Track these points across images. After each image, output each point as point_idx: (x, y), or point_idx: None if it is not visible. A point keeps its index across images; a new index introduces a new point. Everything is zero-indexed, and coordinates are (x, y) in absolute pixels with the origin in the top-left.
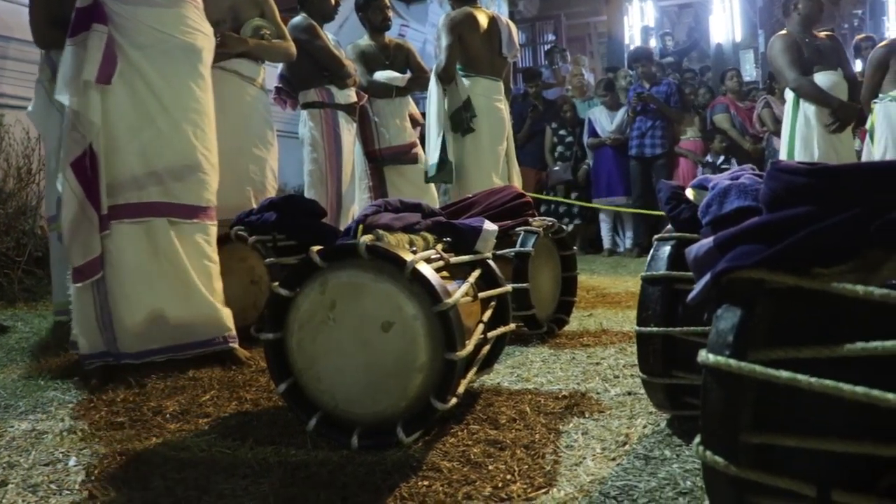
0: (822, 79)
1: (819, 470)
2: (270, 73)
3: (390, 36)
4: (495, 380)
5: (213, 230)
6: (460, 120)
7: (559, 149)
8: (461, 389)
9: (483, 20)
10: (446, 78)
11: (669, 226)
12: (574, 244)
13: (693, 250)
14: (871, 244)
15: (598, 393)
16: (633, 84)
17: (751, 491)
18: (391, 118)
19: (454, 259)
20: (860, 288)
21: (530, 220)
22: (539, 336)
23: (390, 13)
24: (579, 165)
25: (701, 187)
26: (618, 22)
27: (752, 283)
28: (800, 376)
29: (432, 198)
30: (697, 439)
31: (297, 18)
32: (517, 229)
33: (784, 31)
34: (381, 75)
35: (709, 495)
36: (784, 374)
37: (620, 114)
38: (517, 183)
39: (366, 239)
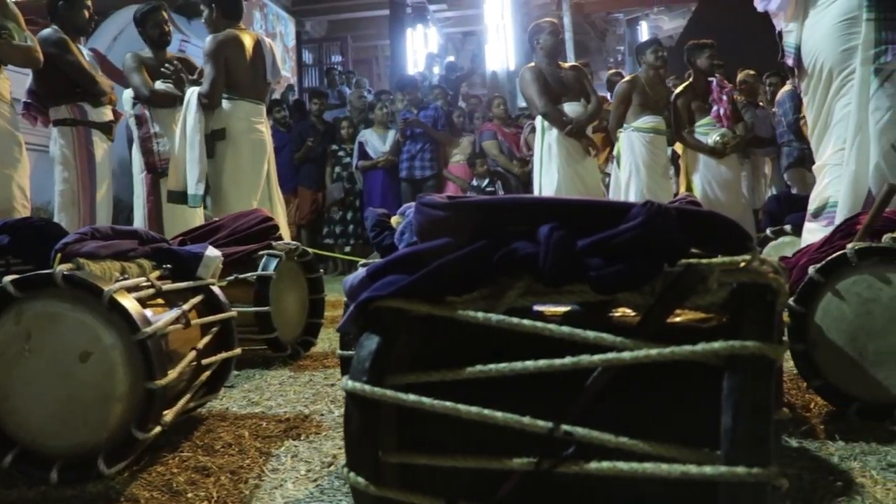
0: (568, 108)
1: (451, 485)
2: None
3: (171, 51)
4: (225, 404)
5: None
6: (212, 146)
7: (337, 169)
8: (169, 418)
9: (248, 42)
10: (211, 104)
11: (375, 252)
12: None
13: (349, 280)
14: (499, 273)
15: (321, 415)
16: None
17: None
18: (171, 128)
19: (168, 286)
20: (481, 314)
21: (274, 243)
22: (283, 359)
23: (169, 28)
24: (355, 186)
25: (403, 214)
26: (401, 46)
27: (392, 311)
28: (424, 399)
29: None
30: (343, 461)
31: (47, 31)
32: (260, 253)
33: (532, 64)
34: (161, 85)
35: None
36: (411, 397)
37: (392, 134)
38: (279, 206)
39: (63, 268)
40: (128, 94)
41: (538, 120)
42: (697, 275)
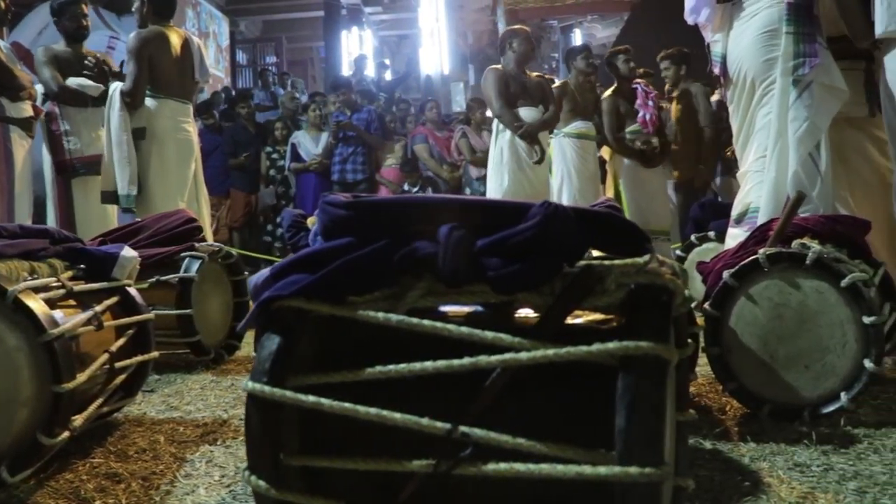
0: (524, 113)
1: (354, 487)
2: None
3: (98, 48)
4: (143, 409)
5: None
6: (135, 145)
7: (271, 172)
8: (78, 423)
9: (175, 41)
10: (134, 103)
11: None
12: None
13: (254, 279)
14: (402, 273)
15: (241, 419)
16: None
17: None
18: (83, 127)
19: (80, 287)
20: (381, 315)
21: (197, 244)
22: (206, 363)
23: (87, 22)
24: (289, 189)
25: None
26: (336, 48)
27: (294, 311)
28: (323, 400)
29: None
30: (245, 465)
31: None
32: (183, 254)
33: (498, 66)
34: (74, 81)
35: None
36: (310, 398)
37: (325, 137)
38: (204, 206)
39: None
40: (39, 89)
41: (494, 123)
42: (595, 275)
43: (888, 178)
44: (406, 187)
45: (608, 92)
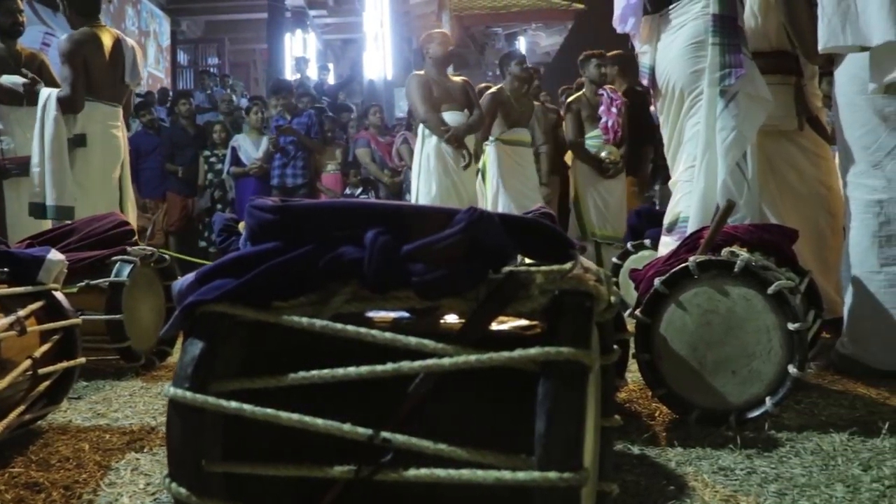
0: (448, 117)
1: (278, 495)
2: None
3: (32, 44)
4: (68, 416)
5: None
6: (72, 153)
7: (209, 176)
8: None
9: (107, 42)
10: (74, 109)
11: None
12: None
13: (178, 284)
14: (328, 278)
15: None
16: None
17: None
18: (17, 126)
19: (2, 291)
20: (305, 320)
21: (129, 248)
22: (136, 369)
23: (23, 17)
24: (226, 194)
25: None
26: (279, 51)
27: (218, 316)
28: (246, 406)
29: None
30: (166, 472)
31: None
32: (113, 258)
33: (421, 72)
34: (7, 79)
35: None
36: (232, 404)
37: (265, 140)
38: (131, 211)
39: None
40: None
41: (420, 128)
42: (519, 282)
43: (817, 189)
44: (348, 191)
45: (571, 98)
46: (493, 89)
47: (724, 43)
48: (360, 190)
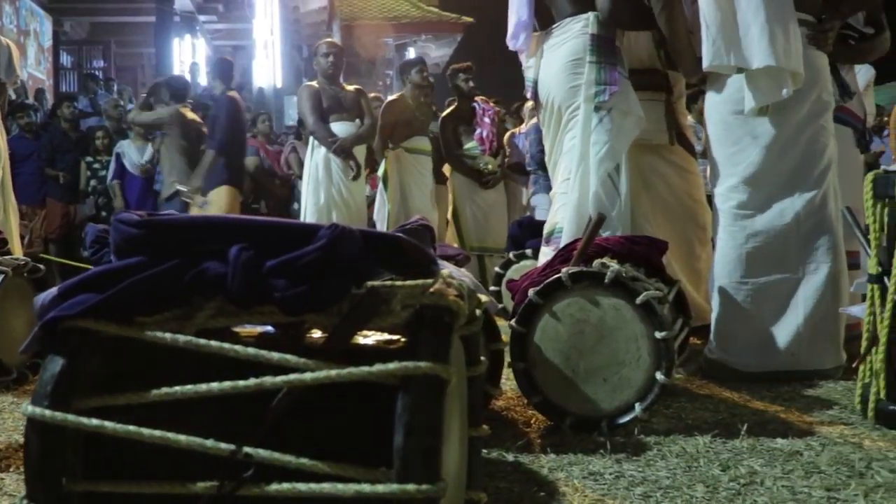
0: (337, 128)
1: None
2: None
3: None
4: None
5: None
6: None
7: (92, 182)
8: None
9: None
10: None
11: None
12: None
13: (40, 298)
14: (192, 293)
15: None
16: None
17: None
18: None
19: None
20: (168, 335)
21: (0, 258)
22: (7, 383)
23: None
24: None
25: None
26: (167, 55)
27: (80, 332)
28: (107, 423)
29: None
30: (23, 492)
31: None
32: None
33: (313, 81)
34: None
35: None
36: (93, 422)
37: (149, 148)
38: (12, 216)
39: None
40: None
41: (310, 139)
42: (380, 297)
43: (686, 202)
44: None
45: (446, 112)
46: (394, 97)
47: (601, 61)
48: (251, 198)
